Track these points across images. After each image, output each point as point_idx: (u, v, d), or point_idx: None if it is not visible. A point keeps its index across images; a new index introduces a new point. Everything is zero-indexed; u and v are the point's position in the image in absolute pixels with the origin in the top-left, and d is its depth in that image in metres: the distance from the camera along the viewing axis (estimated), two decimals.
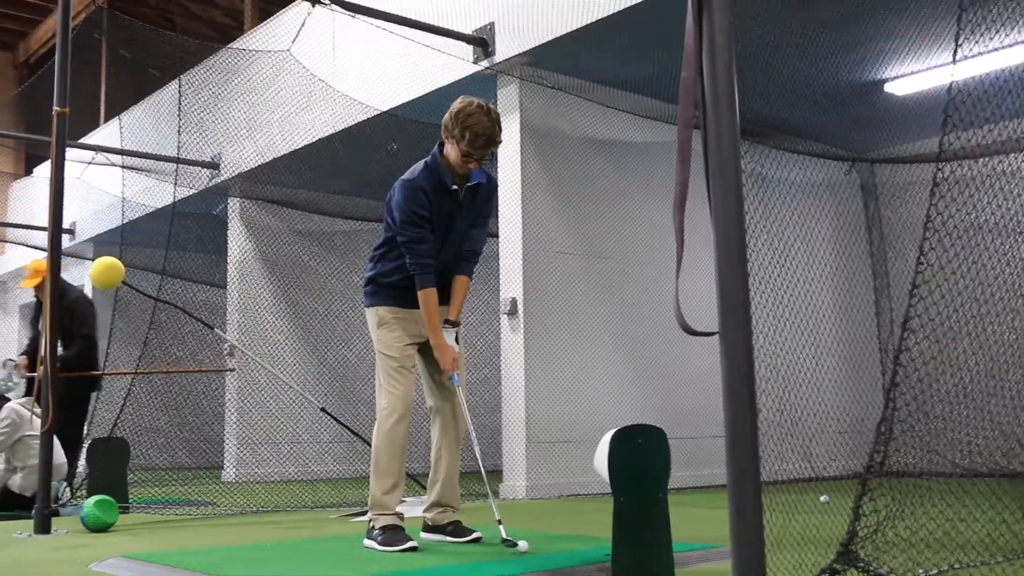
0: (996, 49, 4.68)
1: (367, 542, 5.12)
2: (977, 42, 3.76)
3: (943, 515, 4.24)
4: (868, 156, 11.32)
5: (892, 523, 3.85)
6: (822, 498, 7.05)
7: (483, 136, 5.04)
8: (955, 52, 3.59)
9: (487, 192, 5.38)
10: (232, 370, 11.81)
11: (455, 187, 5.18)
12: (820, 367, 9.71)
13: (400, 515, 5.17)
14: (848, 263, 11.12)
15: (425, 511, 5.41)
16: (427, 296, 5.12)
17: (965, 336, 6.34)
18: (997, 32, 4.13)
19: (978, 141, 4.03)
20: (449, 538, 5.26)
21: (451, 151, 5.14)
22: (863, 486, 3.58)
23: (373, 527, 5.13)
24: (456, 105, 5.17)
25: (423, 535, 5.32)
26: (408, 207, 5.12)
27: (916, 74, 9.33)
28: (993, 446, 7.02)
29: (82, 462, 8.21)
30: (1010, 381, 7.37)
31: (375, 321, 5.34)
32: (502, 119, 9.15)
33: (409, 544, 4.93)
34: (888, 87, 9.61)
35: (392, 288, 5.30)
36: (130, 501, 7.57)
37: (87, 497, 6.80)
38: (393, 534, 5.02)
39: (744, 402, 2.74)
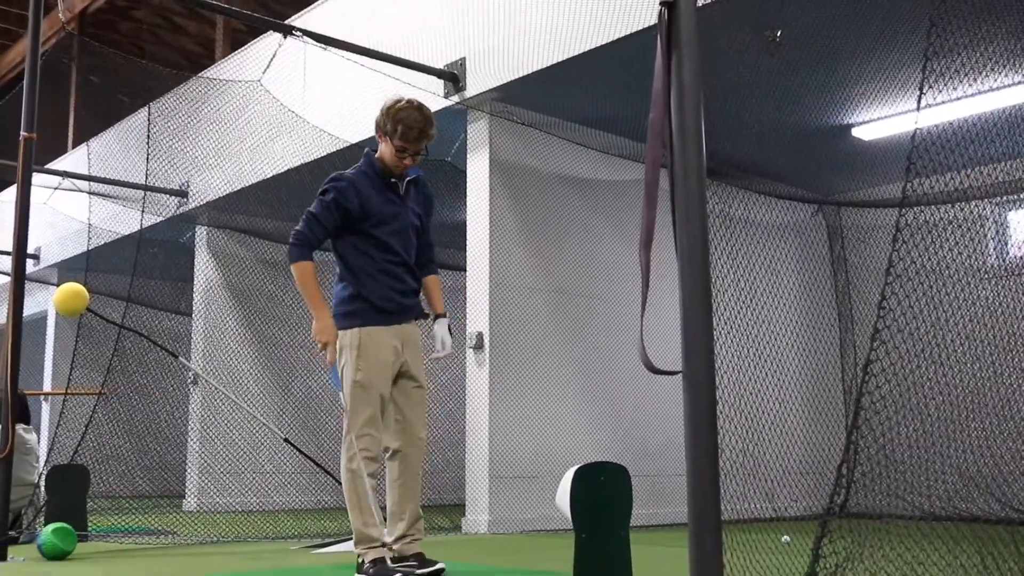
0: (959, 98, 4.75)
1: None
2: (941, 91, 3.83)
3: (901, 558, 4.27)
4: (834, 199, 11.40)
5: (852, 565, 3.87)
6: (784, 538, 7.05)
7: (415, 128, 5.03)
8: (919, 100, 3.65)
9: (425, 185, 5.38)
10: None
11: (394, 180, 5.17)
12: (784, 407, 9.75)
13: (386, 544, 4.98)
14: (813, 305, 11.18)
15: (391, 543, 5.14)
16: (305, 269, 5.19)
17: (927, 380, 6.40)
18: (960, 82, 4.21)
19: (941, 187, 4.09)
20: (415, 569, 5.15)
21: (385, 150, 5.13)
22: (823, 527, 3.60)
23: (363, 562, 4.92)
24: (387, 102, 5.15)
25: None
26: (333, 191, 5.15)
27: (882, 120, 9.42)
28: (952, 490, 7.07)
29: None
30: (970, 425, 7.43)
31: (354, 343, 5.08)
32: (472, 154, 9.20)
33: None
34: (855, 131, 9.69)
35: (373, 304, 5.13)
36: (89, 529, 7.49)
37: (45, 524, 6.71)
38: (384, 566, 4.85)
39: (706, 441, 2.76)
